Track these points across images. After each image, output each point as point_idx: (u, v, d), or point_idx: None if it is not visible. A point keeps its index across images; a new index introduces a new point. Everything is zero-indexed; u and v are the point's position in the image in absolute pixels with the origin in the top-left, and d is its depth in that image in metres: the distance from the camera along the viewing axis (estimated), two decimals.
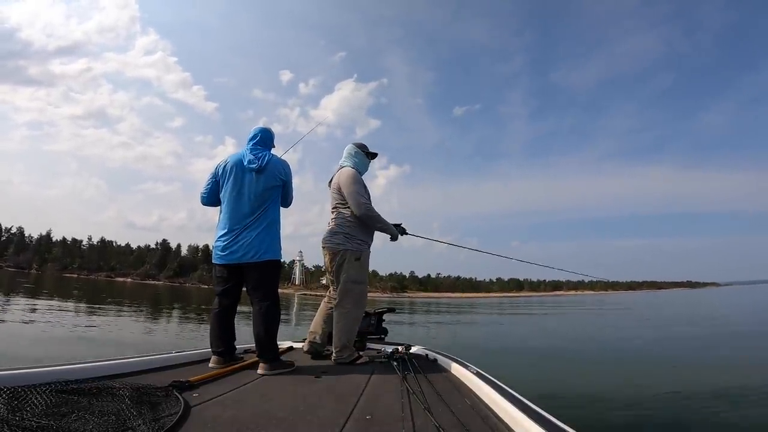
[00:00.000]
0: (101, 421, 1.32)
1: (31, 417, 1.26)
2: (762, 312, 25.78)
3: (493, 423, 1.59)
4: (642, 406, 5.24)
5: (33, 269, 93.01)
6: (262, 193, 2.59)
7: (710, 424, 4.65)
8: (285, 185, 2.72)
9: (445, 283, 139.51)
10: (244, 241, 2.54)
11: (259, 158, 2.62)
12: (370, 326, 3.64)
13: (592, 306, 38.64)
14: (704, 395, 5.68)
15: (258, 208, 2.58)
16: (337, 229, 2.98)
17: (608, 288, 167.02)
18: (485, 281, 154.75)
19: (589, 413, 4.83)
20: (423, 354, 2.99)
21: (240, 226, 2.56)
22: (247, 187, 2.59)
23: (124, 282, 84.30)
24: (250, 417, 1.57)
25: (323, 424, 1.54)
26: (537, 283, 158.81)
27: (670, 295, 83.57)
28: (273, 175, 2.63)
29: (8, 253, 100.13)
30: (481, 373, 2.21)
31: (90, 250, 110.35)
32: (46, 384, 1.52)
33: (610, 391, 6.02)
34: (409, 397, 1.86)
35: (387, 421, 1.58)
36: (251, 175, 2.60)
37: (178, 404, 1.61)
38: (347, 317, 2.85)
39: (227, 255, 2.56)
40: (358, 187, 2.95)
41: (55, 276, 77.97)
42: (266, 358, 2.44)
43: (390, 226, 3.07)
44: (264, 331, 2.48)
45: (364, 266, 2.99)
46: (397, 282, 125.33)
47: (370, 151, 3.23)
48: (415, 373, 2.35)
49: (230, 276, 2.62)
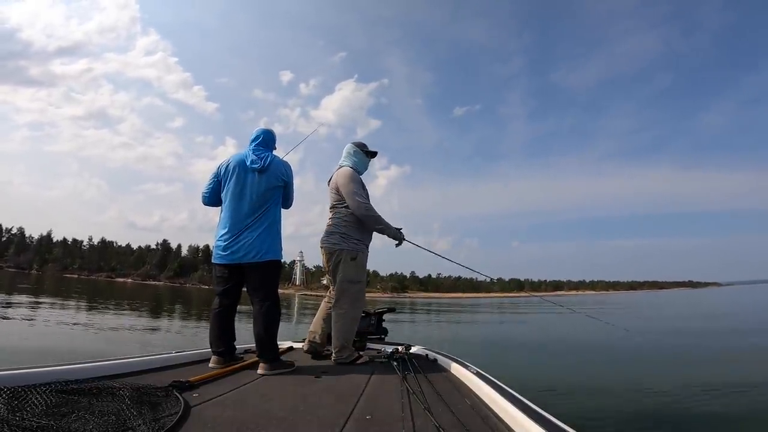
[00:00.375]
0: (101, 421, 1.32)
1: (31, 417, 1.26)
2: (762, 312, 25.78)
3: (493, 423, 1.58)
4: (642, 406, 5.24)
5: (33, 270, 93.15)
6: (264, 194, 2.60)
7: (711, 423, 4.65)
8: (286, 186, 2.73)
9: (446, 283, 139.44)
10: (246, 241, 2.54)
11: (262, 159, 2.62)
12: (370, 326, 3.63)
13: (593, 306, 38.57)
14: (705, 395, 5.68)
15: (259, 208, 2.58)
16: (333, 229, 2.98)
17: (609, 288, 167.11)
18: (486, 281, 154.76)
19: (590, 413, 4.82)
20: (423, 354, 2.99)
21: (241, 226, 2.56)
22: (249, 188, 2.59)
23: (124, 282, 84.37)
24: (250, 417, 1.57)
25: (323, 424, 1.53)
26: (538, 283, 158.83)
27: (671, 295, 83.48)
28: (275, 176, 2.64)
29: (9, 253, 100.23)
30: (481, 373, 2.21)
31: (90, 251, 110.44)
32: (46, 384, 1.52)
33: (611, 390, 6.02)
34: (409, 397, 1.86)
35: (387, 421, 1.58)
36: (253, 175, 2.60)
37: (178, 404, 1.61)
38: (345, 317, 2.84)
39: (228, 255, 2.56)
40: (355, 186, 2.94)
41: (55, 276, 78.06)
42: (266, 358, 2.44)
43: (390, 226, 3.03)
44: (264, 330, 2.48)
45: (361, 266, 2.97)
46: (398, 282, 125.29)
47: (370, 150, 3.21)
48: (415, 373, 2.35)
49: (231, 276, 2.62)
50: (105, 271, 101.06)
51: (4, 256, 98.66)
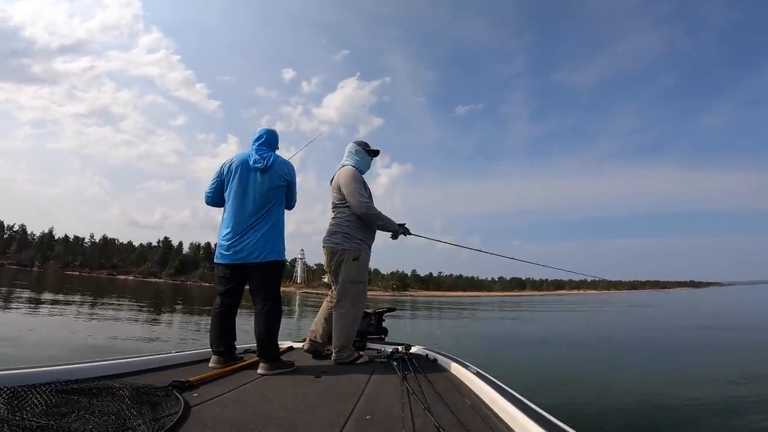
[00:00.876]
0: (101, 421, 1.32)
1: (31, 417, 1.26)
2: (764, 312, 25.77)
3: (493, 423, 1.58)
4: (643, 405, 5.23)
5: (35, 267, 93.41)
6: (267, 193, 2.60)
7: (711, 423, 4.64)
8: (289, 186, 2.73)
9: (447, 281, 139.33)
10: (249, 240, 2.54)
11: (265, 158, 2.63)
12: (370, 326, 3.63)
13: (594, 305, 38.59)
14: (706, 394, 5.67)
15: (263, 208, 2.59)
16: (335, 228, 2.97)
17: (611, 287, 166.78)
18: (487, 280, 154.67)
19: (590, 413, 4.82)
20: (423, 354, 2.99)
21: (245, 226, 2.56)
22: (252, 187, 2.60)
23: (125, 280, 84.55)
24: (250, 417, 1.58)
25: (323, 424, 1.54)
26: (539, 283, 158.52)
27: (673, 295, 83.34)
28: (278, 175, 2.64)
29: (10, 250, 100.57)
30: (481, 373, 2.21)
31: (92, 248, 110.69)
32: (46, 384, 1.52)
33: (611, 390, 6.02)
34: (409, 397, 1.86)
35: (387, 421, 1.58)
36: (256, 175, 2.61)
37: (178, 404, 1.61)
38: (345, 318, 2.84)
39: (231, 255, 2.56)
40: (357, 185, 2.93)
41: (56, 274, 78.31)
42: (266, 358, 2.44)
43: (391, 222, 3.03)
44: (266, 330, 2.48)
45: (363, 266, 2.96)
46: (399, 281, 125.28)
47: (372, 149, 3.20)
48: (415, 373, 2.35)
49: (233, 276, 2.63)
50: (106, 269, 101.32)
51: (6, 254, 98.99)
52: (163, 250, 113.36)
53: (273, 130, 2.82)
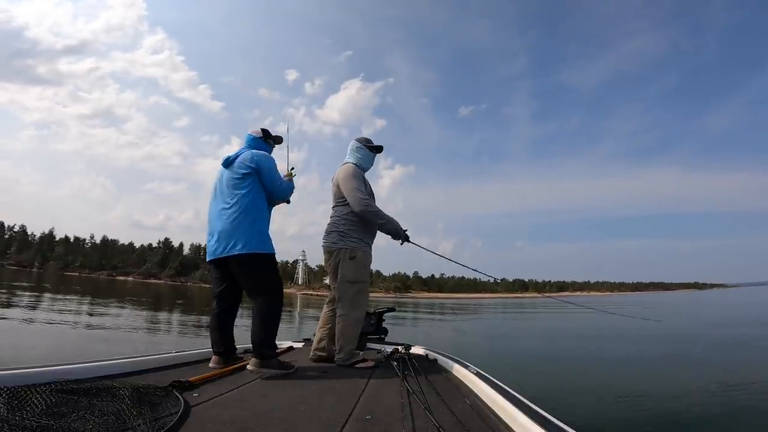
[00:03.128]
0: (101, 421, 1.32)
1: (31, 417, 1.26)
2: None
3: (493, 423, 1.58)
4: (643, 405, 5.21)
5: (35, 267, 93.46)
6: (232, 184, 2.61)
7: (712, 423, 4.63)
8: (258, 172, 2.63)
9: (449, 283, 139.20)
10: (222, 231, 2.54)
11: (232, 155, 2.69)
12: (370, 326, 3.62)
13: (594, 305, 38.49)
14: (706, 394, 5.66)
15: (231, 198, 2.58)
16: (332, 227, 2.93)
17: (614, 289, 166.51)
18: (489, 282, 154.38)
19: (590, 413, 4.81)
20: (423, 354, 2.98)
21: (217, 220, 2.59)
22: (219, 184, 2.68)
23: (125, 281, 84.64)
24: (250, 417, 1.58)
25: (323, 424, 1.54)
26: (542, 284, 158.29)
27: (676, 297, 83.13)
28: (240, 164, 2.63)
29: (11, 251, 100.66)
30: (481, 373, 2.21)
31: (92, 249, 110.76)
32: (46, 384, 1.52)
33: (611, 390, 6.00)
34: (409, 397, 1.86)
35: (387, 421, 1.58)
36: (222, 172, 2.68)
37: (178, 404, 1.61)
38: (346, 319, 2.77)
39: (212, 252, 2.58)
40: (356, 182, 2.86)
41: (56, 274, 78.38)
42: (254, 354, 2.42)
43: (394, 221, 2.90)
44: (255, 328, 2.45)
45: (360, 265, 2.86)
46: (401, 282, 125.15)
47: (375, 145, 3.12)
48: (415, 373, 2.35)
49: (223, 276, 2.63)
50: (106, 270, 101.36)
51: (6, 254, 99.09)
52: (164, 251, 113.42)
53: (253, 133, 2.84)
